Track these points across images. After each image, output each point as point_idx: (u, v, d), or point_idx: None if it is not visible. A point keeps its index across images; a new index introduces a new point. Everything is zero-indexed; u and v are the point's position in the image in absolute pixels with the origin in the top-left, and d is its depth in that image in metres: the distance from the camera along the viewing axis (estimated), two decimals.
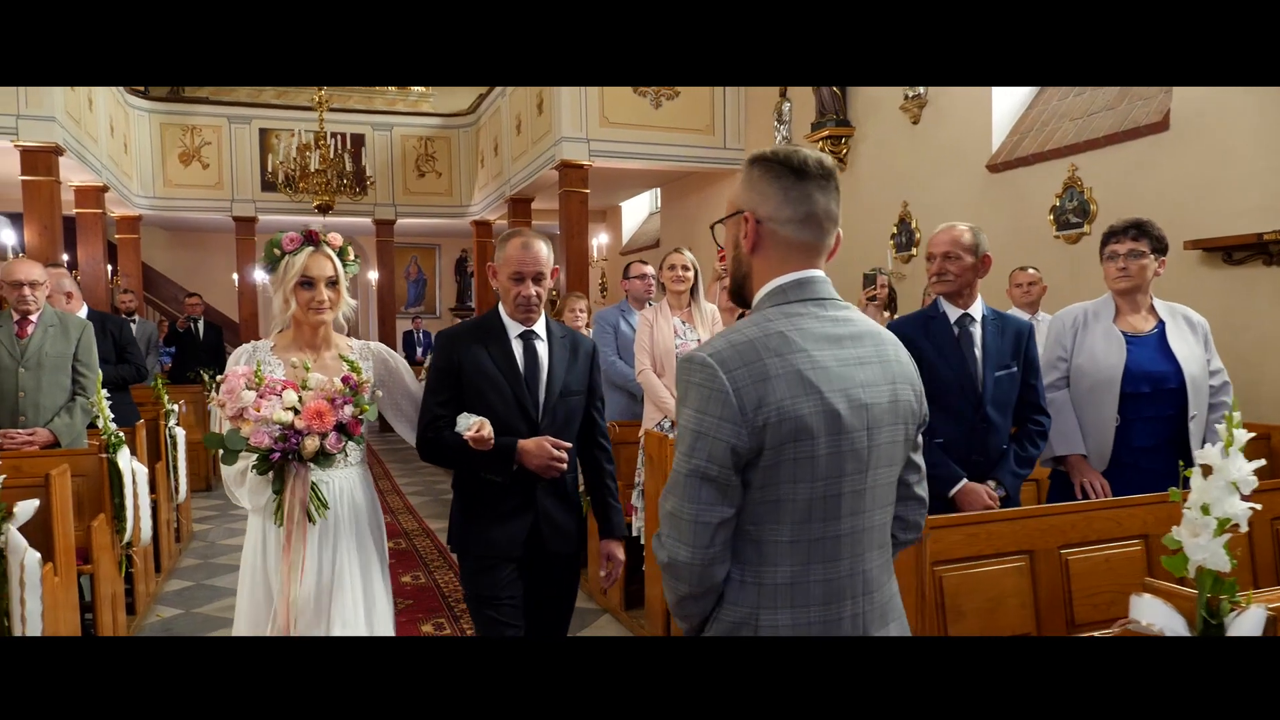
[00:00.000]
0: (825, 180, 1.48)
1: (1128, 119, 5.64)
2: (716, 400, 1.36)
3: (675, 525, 1.41)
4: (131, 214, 11.02)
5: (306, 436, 2.25)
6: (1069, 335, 3.21)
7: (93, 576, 3.70)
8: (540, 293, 2.55)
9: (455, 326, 2.74)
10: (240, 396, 2.23)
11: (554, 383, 2.59)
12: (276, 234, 2.48)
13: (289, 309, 2.50)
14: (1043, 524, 2.58)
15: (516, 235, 2.56)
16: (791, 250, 1.49)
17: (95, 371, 4.20)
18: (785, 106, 8.68)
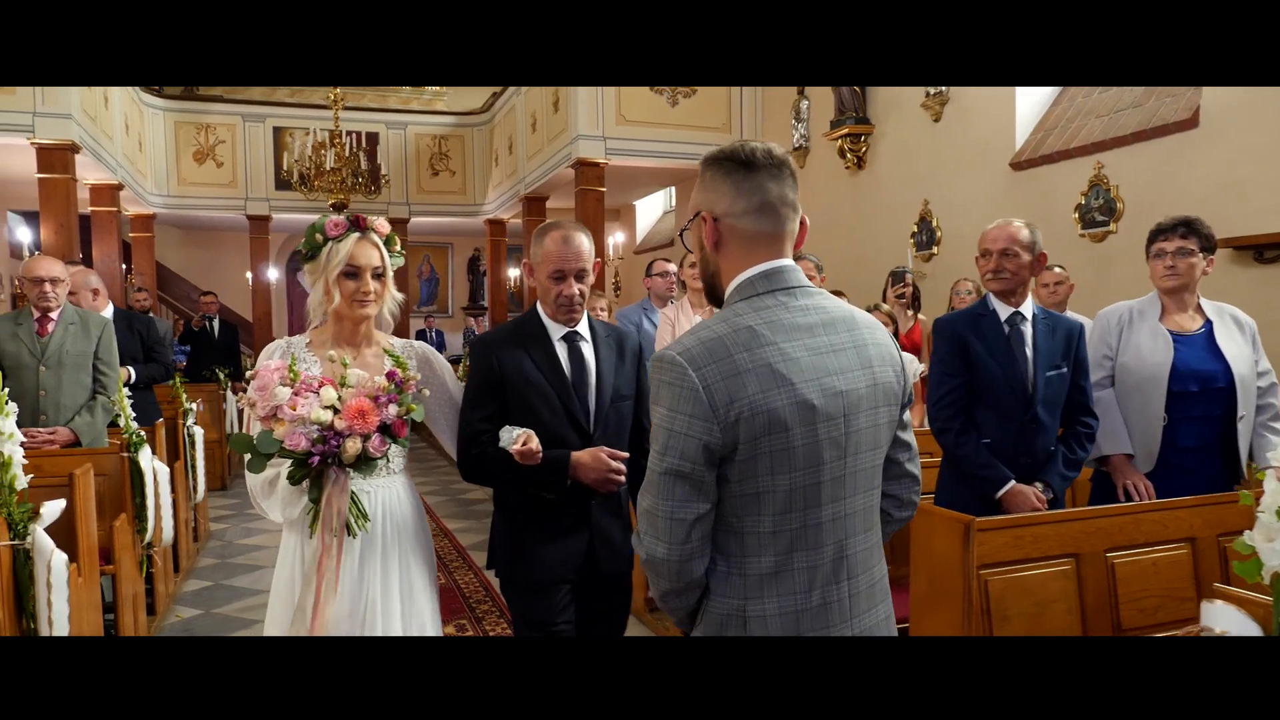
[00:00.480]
0: (777, 169, 1.49)
1: (1155, 116, 5.56)
2: (687, 398, 1.38)
3: (652, 522, 1.43)
4: (146, 212, 11.02)
5: (348, 438, 2.02)
6: (1114, 333, 3.14)
7: (114, 577, 3.67)
8: (584, 290, 2.33)
9: (491, 332, 2.52)
10: (274, 394, 2.00)
11: (604, 387, 2.37)
12: (320, 217, 2.26)
13: (331, 301, 2.24)
14: (1089, 526, 2.52)
15: (555, 228, 2.35)
16: (754, 242, 1.50)
17: (116, 370, 4.17)
18: (803, 104, 8.63)
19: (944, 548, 2.38)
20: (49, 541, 2.45)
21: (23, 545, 2.43)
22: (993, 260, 2.88)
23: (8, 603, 2.38)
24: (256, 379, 2.06)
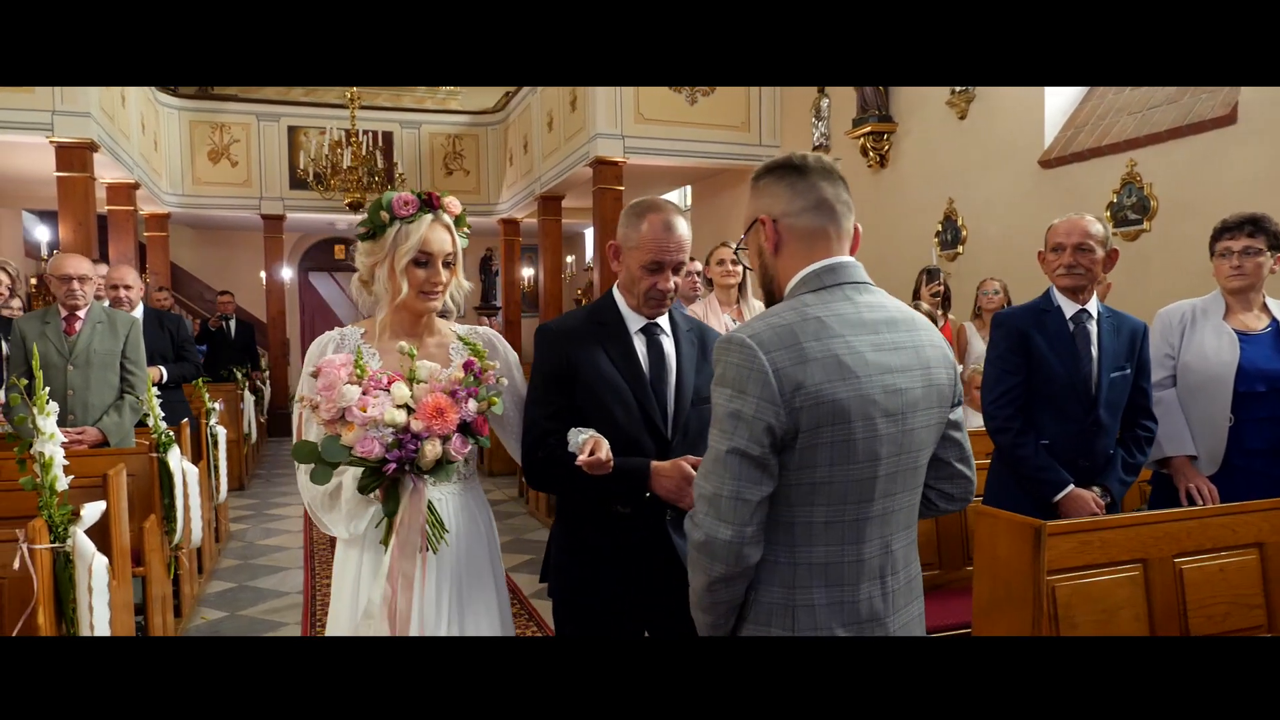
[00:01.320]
0: (828, 173, 1.54)
1: (1191, 112, 5.48)
2: (756, 380, 1.38)
3: (714, 504, 1.41)
4: (160, 212, 10.98)
5: (426, 440, 1.79)
6: (1176, 332, 3.07)
7: (144, 579, 3.61)
8: (678, 283, 2.07)
9: (559, 320, 2.20)
10: (342, 393, 1.75)
11: (684, 387, 2.11)
12: (385, 193, 1.98)
13: (398, 292, 1.98)
14: (1156, 531, 2.45)
15: (655, 210, 2.05)
16: (813, 239, 1.54)
17: (144, 369, 4.12)
18: (824, 103, 8.55)
19: (1010, 552, 2.31)
20: (90, 545, 2.40)
21: (63, 549, 2.37)
22: (1066, 255, 2.80)
23: (49, 606, 2.33)
24: (320, 376, 1.80)
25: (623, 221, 2.11)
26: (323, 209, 11.88)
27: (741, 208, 4.22)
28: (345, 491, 1.92)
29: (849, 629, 1.45)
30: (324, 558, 5.75)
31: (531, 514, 7.07)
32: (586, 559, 2.09)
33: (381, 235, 1.99)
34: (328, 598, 4.90)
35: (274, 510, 7.32)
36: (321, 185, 10.57)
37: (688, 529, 1.47)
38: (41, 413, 2.41)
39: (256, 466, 9.43)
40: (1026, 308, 2.95)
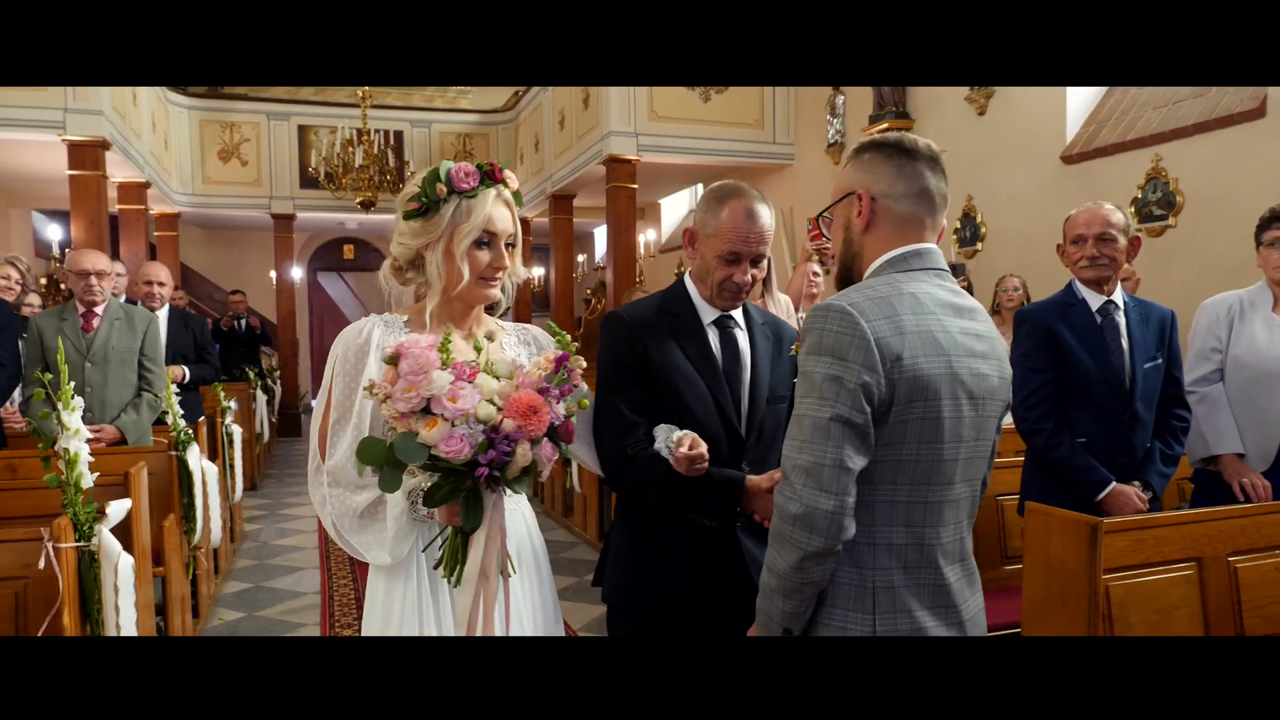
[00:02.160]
0: (934, 162, 1.52)
1: (1219, 106, 5.40)
2: (858, 347, 1.36)
3: (814, 474, 1.37)
4: (170, 211, 10.94)
5: (519, 443, 1.53)
6: (1223, 325, 2.98)
7: (164, 579, 3.56)
8: (757, 276, 1.93)
9: (630, 307, 2.03)
10: (432, 379, 1.48)
11: (759, 384, 1.97)
12: (440, 163, 1.72)
13: (458, 279, 1.72)
14: (1210, 529, 2.38)
15: (737, 196, 1.90)
16: (907, 225, 1.52)
17: (162, 367, 4.07)
18: (839, 100, 8.48)
19: (1063, 550, 2.24)
20: (116, 543, 2.34)
21: (88, 548, 2.31)
22: (1088, 246, 2.73)
23: (74, 607, 2.27)
24: (404, 358, 1.50)
25: (701, 206, 1.97)
26: (333, 208, 11.83)
27: None
28: (392, 506, 1.65)
29: (934, 613, 1.43)
30: (340, 558, 5.69)
31: (548, 513, 7.01)
32: (654, 562, 1.94)
33: (435, 212, 1.71)
34: (345, 599, 4.87)
35: (287, 510, 7.27)
36: (332, 184, 10.53)
37: (780, 503, 1.40)
38: (66, 408, 2.36)
39: (268, 466, 9.39)
40: (1050, 302, 2.87)
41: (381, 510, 1.67)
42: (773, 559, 1.43)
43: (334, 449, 1.68)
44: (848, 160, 1.59)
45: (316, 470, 1.71)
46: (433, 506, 1.58)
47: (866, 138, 1.59)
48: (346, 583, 5.16)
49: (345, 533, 1.70)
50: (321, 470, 1.70)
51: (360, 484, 1.68)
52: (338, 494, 1.69)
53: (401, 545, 1.67)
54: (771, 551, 1.44)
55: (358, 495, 1.69)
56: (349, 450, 1.63)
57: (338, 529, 1.70)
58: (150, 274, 5.04)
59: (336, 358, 1.71)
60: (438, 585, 1.69)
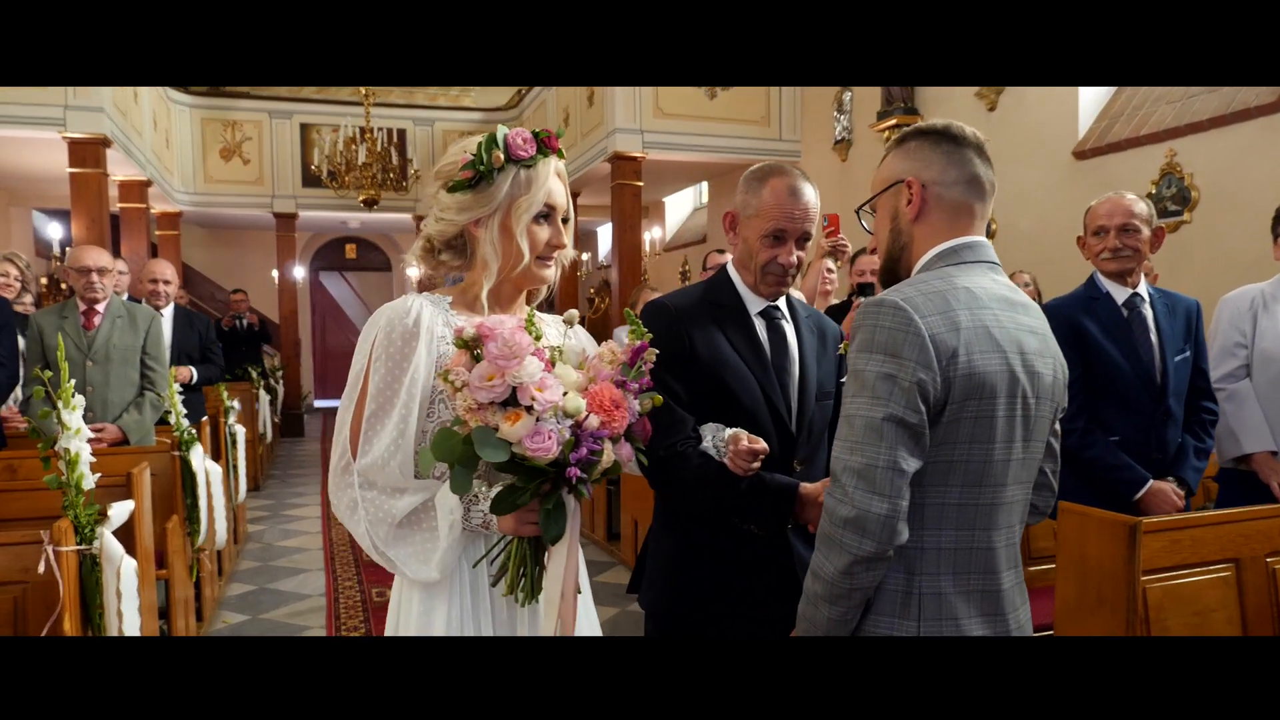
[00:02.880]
0: (981, 149, 1.49)
1: (1235, 100, 5.32)
2: (913, 344, 1.30)
3: (867, 476, 1.30)
4: (172, 210, 10.88)
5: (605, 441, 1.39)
6: (1247, 319, 2.89)
7: (167, 581, 3.48)
8: (802, 259, 1.84)
9: (673, 295, 1.94)
10: (525, 366, 1.32)
11: (808, 380, 1.88)
12: (494, 130, 1.54)
13: (518, 258, 1.54)
14: (1247, 529, 2.30)
15: (779, 174, 1.82)
16: (957, 214, 1.47)
17: (165, 365, 3.99)
18: (846, 96, 8.41)
19: (1100, 551, 2.16)
20: (119, 546, 2.27)
21: (90, 551, 2.24)
22: (1110, 237, 2.65)
23: (75, 612, 2.20)
24: (492, 341, 1.33)
25: (741, 187, 1.88)
26: (335, 207, 11.76)
27: None
28: (445, 513, 1.45)
29: (983, 620, 1.38)
30: (345, 559, 5.62)
31: None
32: (697, 566, 1.85)
33: (490, 184, 1.52)
34: (351, 601, 4.80)
35: (291, 511, 7.20)
36: (335, 182, 10.45)
37: (831, 506, 1.33)
38: (67, 406, 2.28)
39: (271, 467, 9.32)
40: (1073, 297, 2.79)
41: (426, 518, 1.47)
42: (819, 563, 1.37)
43: (370, 445, 1.47)
44: (890, 150, 1.54)
45: (344, 470, 1.48)
46: (503, 513, 1.39)
47: (912, 126, 1.53)
48: (352, 584, 5.09)
49: (381, 544, 1.47)
50: (351, 470, 1.48)
51: (400, 486, 1.47)
52: (372, 498, 1.47)
53: (453, 558, 1.47)
54: (819, 555, 1.37)
55: (397, 500, 1.47)
56: (390, 447, 1.45)
57: (372, 539, 1.47)
58: (155, 272, 4.98)
59: (376, 341, 1.49)
60: (480, 603, 1.52)
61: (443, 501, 1.45)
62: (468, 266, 1.62)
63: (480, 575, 1.51)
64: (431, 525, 1.47)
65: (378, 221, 13.52)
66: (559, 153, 1.58)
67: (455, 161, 1.55)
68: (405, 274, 15.77)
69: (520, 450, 1.32)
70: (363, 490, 1.47)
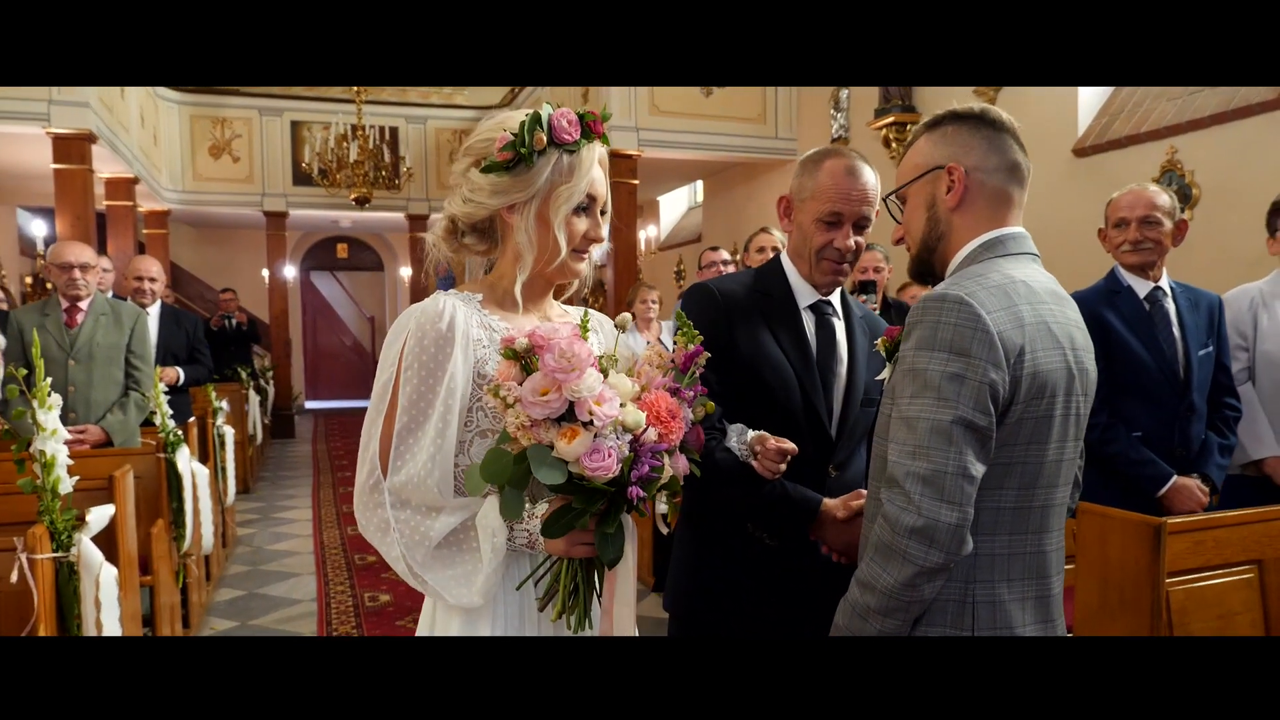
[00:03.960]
0: (1017, 135, 1.43)
1: (1237, 97, 5.27)
2: (981, 341, 1.23)
3: (933, 483, 1.22)
4: (160, 209, 10.73)
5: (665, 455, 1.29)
6: (1247, 320, 2.82)
7: (152, 588, 3.38)
8: (860, 246, 1.73)
9: (720, 280, 1.83)
10: (585, 379, 1.22)
11: (855, 383, 1.77)
12: (535, 110, 1.41)
13: (555, 251, 1.43)
14: (1271, 529, 2.23)
15: (835, 155, 1.73)
16: (999, 202, 1.41)
17: (150, 365, 3.89)
18: (843, 94, 8.34)
19: (1122, 553, 2.09)
20: (97, 554, 2.17)
21: (67, 558, 2.14)
22: (1132, 230, 2.59)
23: (51, 622, 2.10)
24: (548, 351, 1.23)
25: (797, 172, 1.79)
26: (327, 206, 11.64)
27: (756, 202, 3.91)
28: (489, 534, 1.32)
29: (1038, 628, 1.32)
30: (337, 563, 5.52)
31: None
32: (711, 565, 1.78)
33: (530, 167, 1.40)
34: (343, 606, 4.69)
35: (281, 514, 7.08)
36: (326, 180, 10.33)
37: (894, 515, 1.24)
38: (42, 406, 2.18)
39: (261, 468, 9.20)
40: (1094, 290, 2.73)
41: (466, 539, 1.36)
42: (875, 575, 1.28)
43: (403, 461, 1.34)
44: (920, 135, 1.47)
45: (374, 488, 1.36)
46: (556, 536, 1.28)
47: (942, 110, 1.44)
48: (344, 589, 4.98)
49: (418, 568, 1.35)
50: (381, 489, 1.35)
51: (436, 505, 1.35)
52: (406, 518, 1.34)
53: (496, 582, 1.36)
54: (874, 567, 1.28)
55: (434, 520, 1.34)
56: (428, 463, 1.33)
57: (407, 563, 1.35)
58: (140, 269, 4.87)
59: (407, 347, 1.36)
60: (526, 629, 1.41)
61: (484, 521, 1.33)
62: (492, 252, 1.52)
63: (526, 597, 1.40)
64: (473, 547, 1.35)
65: (369, 220, 13.40)
66: (604, 138, 1.46)
67: (492, 139, 1.42)
68: (399, 274, 15.70)
69: (578, 469, 1.22)
70: (395, 510, 1.35)
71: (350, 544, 5.95)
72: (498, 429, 1.35)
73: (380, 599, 4.77)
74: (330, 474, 8.89)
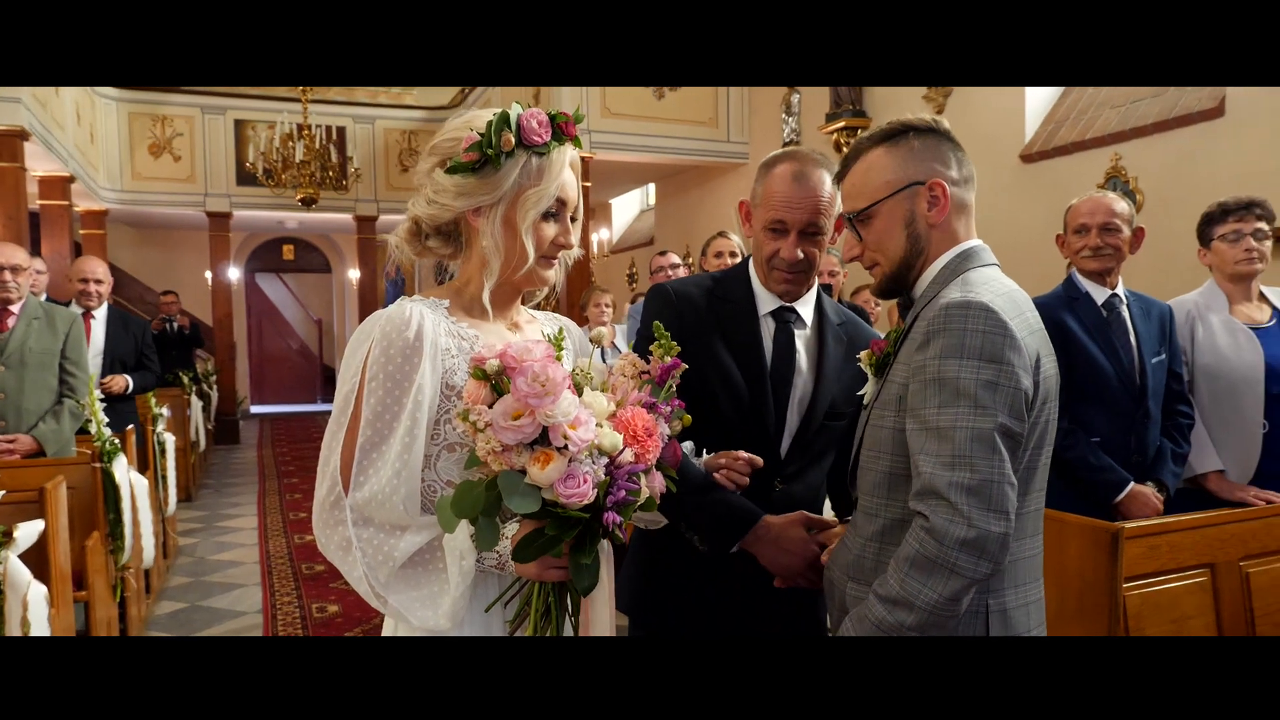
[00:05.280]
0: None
1: (1178, 105, 5.39)
2: (1012, 347, 1.24)
3: (981, 494, 1.20)
4: (97, 208, 10.41)
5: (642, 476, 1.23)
6: (1185, 332, 2.81)
7: (87, 603, 3.25)
8: (813, 255, 1.67)
9: (679, 282, 1.79)
10: (561, 403, 1.16)
11: (819, 395, 1.70)
12: (504, 110, 1.35)
13: (523, 258, 1.37)
14: (1223, 533, 2.26)
15: (786, 159, 1.69)
16: (966, 214, 1.43)
17: (86, 371, 3.74)
18: (794, 99, 8.39)
19: (1079, 559, 2.10)
20: (24, 572, 2.07)
21: None
22: (1092, 236, 2.61)
23: None
24: (521, 373, 1.16)
25: (756, 180, 1.75)
26: (272, 206, 11.39)
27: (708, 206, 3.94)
28: (457, 555, 1.26)
29: (1039, 632, 1.36)
30: (283, 573, 5.38)
31: None
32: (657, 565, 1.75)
33: (497, 169, 1.34)
34: (290, 617, 4.57)
35: (225, 523, 6.89)
36: (271, 181, 10.10)
37: (941, 527, 1.19)
38: None
39: (205, 476, 8.96)
40: (1055, 296, 2.74)
41: (433, 559, 1.30)
42: (914, 591, 1.21)
43: (367, 477, 1.28)
44: (872, 149, 1.43)
45: (335, 505, 1.29)
46: (527, 561, 1.22)
47: (895, 122, 1.43)
48: (291, 600, 4.86)
49: (382, 589, 1.28)
50: (343, 505, 1.29)
51: (401, 523, 1.29)
52: (369, 537, 1.28)
53: (464, 605, 1.29)
54: (911, 583, 1.22)
55: (400, 539, 1.28)
56: (394, 480, 1.27)
57: (370, 583, 1.28)
58: (86, 270, 4.67)
59: (371, 356, 1.30)
60: None
61: (452, 542, 1.26)
62: (457, 255, 1.46)
63: (494, 620, 1.33)
64: (440, 568, 1.29)
65: (316, 222, 13.15)
66: (575, 140, 1.40)
67: (458, 139, 1.36)
68: (346, 276, 15.45)
69: (552, 496, 1.15)
70: (358, 528, 1.28)
71: (297, 553, 5.81)
72: (466, 442, 1.30)
73: (329, 609, 4.65)
74: (276, 480, 8.69)
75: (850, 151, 1.49)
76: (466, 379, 1.27)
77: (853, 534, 1.45)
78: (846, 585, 1.42)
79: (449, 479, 1.33)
